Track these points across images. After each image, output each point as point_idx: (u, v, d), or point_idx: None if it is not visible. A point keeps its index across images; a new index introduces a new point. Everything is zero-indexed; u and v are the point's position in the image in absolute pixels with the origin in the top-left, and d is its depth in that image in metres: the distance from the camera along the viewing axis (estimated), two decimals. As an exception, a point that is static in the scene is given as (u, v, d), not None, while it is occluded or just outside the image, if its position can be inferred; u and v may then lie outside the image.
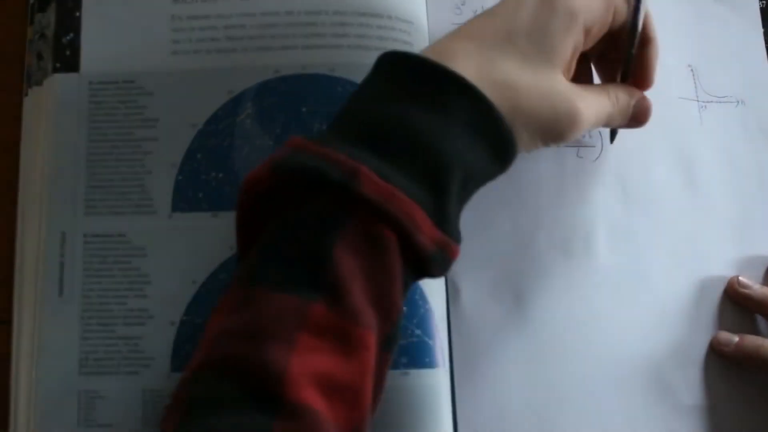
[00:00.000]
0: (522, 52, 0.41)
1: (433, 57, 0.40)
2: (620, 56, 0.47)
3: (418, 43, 0.52)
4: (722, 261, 0.52)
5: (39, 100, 0.51)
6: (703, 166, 0.54)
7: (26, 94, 0.52)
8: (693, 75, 0.56)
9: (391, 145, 0.38)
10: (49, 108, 0.51)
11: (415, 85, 0.39)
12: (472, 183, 0.40)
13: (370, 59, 0.50)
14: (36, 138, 0.51)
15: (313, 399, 0.34)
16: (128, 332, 0.48)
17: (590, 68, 0.50)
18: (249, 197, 0.39)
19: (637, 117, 0.48)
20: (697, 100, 0.55)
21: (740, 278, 0.51)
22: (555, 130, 0.43)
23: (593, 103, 0.44)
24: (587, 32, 0.43)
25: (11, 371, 0.49)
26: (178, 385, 0.36)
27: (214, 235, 0.49)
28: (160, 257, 0.49)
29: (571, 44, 0.43)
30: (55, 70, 0.51)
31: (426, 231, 0.38)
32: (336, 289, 0.36)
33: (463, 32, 0.43)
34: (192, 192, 0.50)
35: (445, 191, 0.38)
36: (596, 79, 0.51)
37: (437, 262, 0.39)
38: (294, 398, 0.34)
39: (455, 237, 0.40)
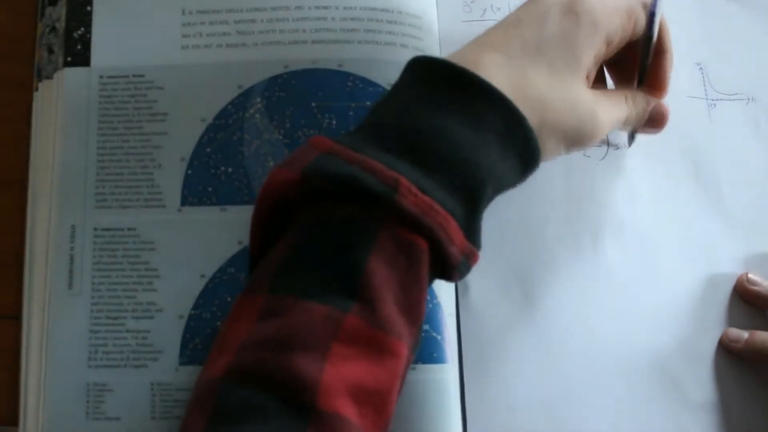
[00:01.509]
0: (549, 64, 0.42)
1: (465, 65, 0.40)
2: (635, 63, 0.48)
3: (428, 39, 0.52)
4: (731, 258, 0.52)
5: (49, 94, 0.52)
6: (711, 164, 0.54)
7: (36, 89, 0.52)
8: (702, 73, 0.56)
9: (429, 157, 0.38)
10: (60, 102, 0.51)
11: (451, 95, 0.39)
12: (497, 192, 0.41)
13: (379, 54, 0.51)
14: (46, 132, 0.51)
15: (344, 408, 0.34)
16: (137, 326, 0.48)
17: (603, 72, 0.51)
18: (271, 199, 0.39)
19: (655, 121, 0.50)
20: (706, 99, 0.55)
21: (749, 275, 0.51)
22: (578, 138, 0.43)
23: (612, 108, 0.46)
24: (609, 43, 0.44)
25: (21, 365, 0.49)
26: (201, 389, 0.36)
27: (223, 230, 0.49)
28: (170, 251, 0.49)
29: (593, 54, 0.43)
30: (66, 64, 0.51)
31: (457, 242, 0.38)
32: (369, 299, 0.36)
33: (488, 43, 0.43)
34: (201, 186, 0.50)
35: (478, 203, 0.39)
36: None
37: (461, 270, 0.40)
38: (327, 407, 0.34)
39: (478, 245, 0.40)
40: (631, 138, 0.53)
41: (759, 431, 0.49)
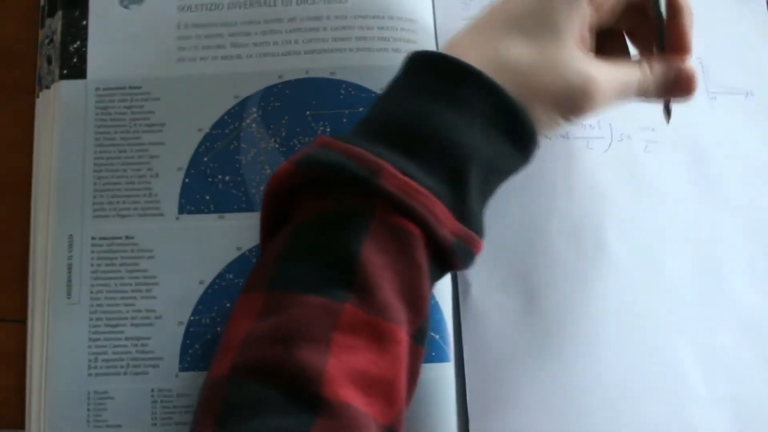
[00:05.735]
0: (528, 34, 0.42)
1: (447, 52, 0.41)
2: (652, 29, 0.46)
3: (423, 40, 0.53)
4: (734, 251, 0.51)
5: (47, 104, 0.53)
6: (713, 158, 0.53)
7: (38, 96, 0.53)
8: (702, 68, 0.55)
9: (410, 141, 0.39)
10: (56, 113, 0.52)
11: (434, 81, 0.40)
12: (494, 176, 0.41)
13: (370, 61, 0.52)
14: (46, 140, 0.52)
15: (351, 396, 0.34)
16: (136, 333, 0.49)
17: (625, 44, 0.49)
18: (272, 191, 0.40)
19: (681, 85, 0.46)
20: (707, 92, 0.55)
21: None
22: (570, 102, 0.42)
23: (616, 72, 0.44)
24: (598, 7, 0.43)
25: (27, 369, 0.49)
26: (207, 389, 0.36)
27: (221, 236, 0.50)
28: (168, 259, 0.50)
29: (576, 17, 0.42)
30: (63, 77, 0.52)
31: (447, 224, 0.38)
32: (366, 287, 0.37)
33: (473, 24, 0.44)
34: (199, 194, 0.50)
35: (464, 184, 0.39)
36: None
37: (459, 255, 0.39)
38: (333, 397, 0.34)
39: (478, 231, 0.40)
40: (668, 114, 0.49)
41: (765, 426, 0.47)
